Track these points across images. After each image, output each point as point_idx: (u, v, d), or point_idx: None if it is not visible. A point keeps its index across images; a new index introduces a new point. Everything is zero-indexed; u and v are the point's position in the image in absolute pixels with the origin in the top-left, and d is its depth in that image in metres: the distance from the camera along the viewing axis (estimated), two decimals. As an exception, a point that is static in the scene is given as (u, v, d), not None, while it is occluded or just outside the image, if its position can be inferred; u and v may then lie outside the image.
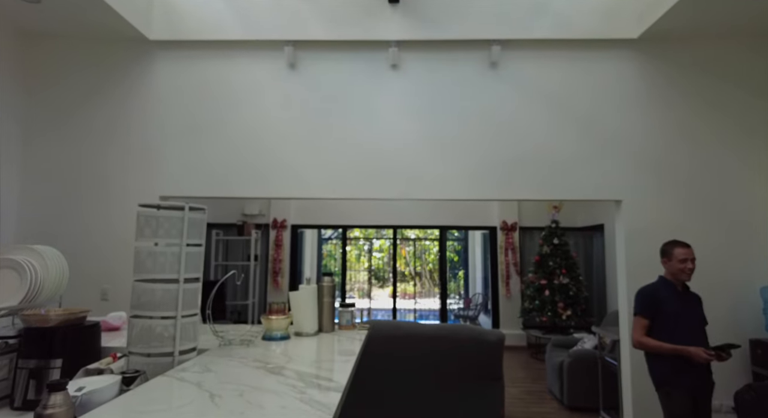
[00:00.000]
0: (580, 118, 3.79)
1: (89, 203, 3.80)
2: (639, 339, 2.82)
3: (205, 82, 3.92)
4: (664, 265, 2.95)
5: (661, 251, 2.99)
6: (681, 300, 2.84)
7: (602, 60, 3.84)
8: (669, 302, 2.81)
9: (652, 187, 3.69)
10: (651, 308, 2.82)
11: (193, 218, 1.93)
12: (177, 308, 1.78)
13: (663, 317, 2.79)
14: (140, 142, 3.86)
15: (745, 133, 3.69)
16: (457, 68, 3.89)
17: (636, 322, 2.86)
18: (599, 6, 3.79)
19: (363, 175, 3.80)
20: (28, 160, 3.82)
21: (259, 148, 3.83)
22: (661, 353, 2.73)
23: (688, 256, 2.85)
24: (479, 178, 3.77)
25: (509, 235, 7.73)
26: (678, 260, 2.85)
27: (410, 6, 3.85)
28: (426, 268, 12.61)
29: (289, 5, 3.88)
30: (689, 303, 2.86)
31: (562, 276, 6.76)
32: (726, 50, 3.74)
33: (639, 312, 2.87)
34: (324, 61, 3.93)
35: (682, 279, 2.87)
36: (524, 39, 3.83)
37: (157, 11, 3.89)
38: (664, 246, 2.99)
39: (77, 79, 3.90)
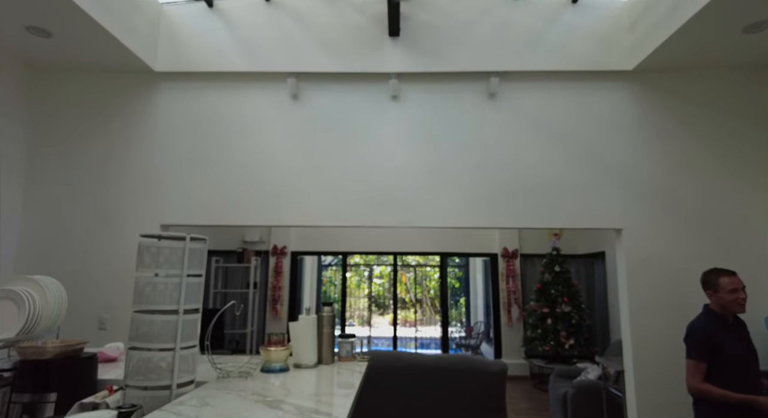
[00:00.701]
0: (579, 147, 3.84)
1: (90, 232, 3.80)
2: (698, 386, 2.54)
3: (207, 113, 3.98)
4: (710, 297, 2.71)
5: (704, 282, 2.75)
6: (736, 336, 2.60)
7: (599, 90, 3.91)
8: (727, 342, 2.55)
9: (653, 216, 3.70)
10: (708, 350, 2.56)
11: (194, 248, 1.93)
12: (176, 340, 1.76)
13: (722, 359, 2.52)
14: (142, 172, 3.89)
15: (741, 162, 3.72)
16: (457, 99, 3.96)
17: (692, 366, 2.58)
18: (594, 39, 3.89)
19: (364, 203, 3.82)
20: (30, 188, 3.84)
21: (260, 177, 3.87)
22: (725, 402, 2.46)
23: (738, 285, 2.60)
24: (480, 206, 3.79)
25: (510, 262, 7.69)
26: (727, 290, 2.61)
27: (410, 39, 3.95)
28: (427, 295, 12.50)
29: (292, 38, 3.98)
30: (743, 337, 2.62)
31: (564, 304, 6.69)
32: (720, 81, 3.82)
33: (696, 356, 2.58)
34: (326, 92, 4.01)
35: (736, 311, 2.62)
36: (522, 71, 3.91)
37: (163, 43, 3.99)
38: (705, 276, 2.76)
39: (81, 110, 3.97)
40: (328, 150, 3.91)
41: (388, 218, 3.81)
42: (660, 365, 3.51)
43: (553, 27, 3.93)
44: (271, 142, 3.93)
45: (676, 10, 3.23)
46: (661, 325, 3.55)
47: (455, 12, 3.97)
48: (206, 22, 4.03)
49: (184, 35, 4.01)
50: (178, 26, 4.02)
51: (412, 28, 3.95)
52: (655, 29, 3.50)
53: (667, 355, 3.50)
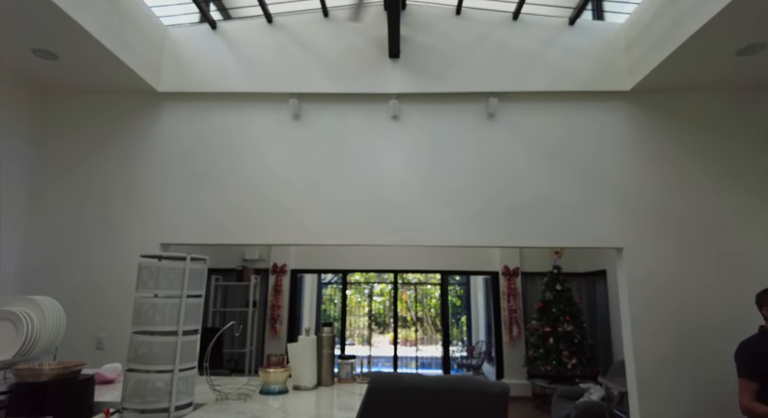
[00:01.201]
0: (578, 166, 3.86)
1: (90, 250, 3.80)
2: (748, 405, 2.50)
3: (209, 132, 4.02)
4: (766, 316, 2.68)
5: (758, 301, 2.73)
6: None
7: (597, 110, 3.96)
8: None
9: (653, 235, 3.70)
10: (759, 368, 2.53)
11: (194, 269, 1.93)
12: (175, 362, 1.75)
13: None
14: (142, 191, 3.91)
15: (739, 181, 3.74)
16: (456, 119, 4.00)
17: (743, 385, 2.55)
18: (591, 60, 3.95)
19: (364, 221, 3.83)
20: (32, 208, 3.86)
21: (260, 196, 3.88)
22: None
23: None
24: (479, 225, 3.79)
25: (511, 280, 7.66)
26: None
27: (410, 61, 4.01)
28: (428, 313, 12.41)
29: (294, 59, 4.05)
30: None
31: (566, 323, 6.64)
32: (716, 102, 3.86)
33: (745, 375, 2.56)
34: (327, 112, 4.05)
35: None
36: (520, 91, 3.96)
37: (167, 64, 4.06)
38: (759, 295, 2.72)
39: (85, 130, 4.01)
40: (329, 169, 3.93)
41: (388, 236, 3.81)
42: (664, 385, 3.46)
43: (551, 49, 4.00)
44: (272, 162, 3.96)
45: (671, 34, 3.29)
46: (664, 345, 3.52)
47: (454, 35, 4.04)
48: (209, 44, 4.10)
49: (188, 56, 4.08)
50: (182, 47, 4.09)
51: (411, 50, 4.02)
52: (650, 51, 3.56)
53: (671, 375, 3.46)
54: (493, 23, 4.06)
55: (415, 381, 3.65)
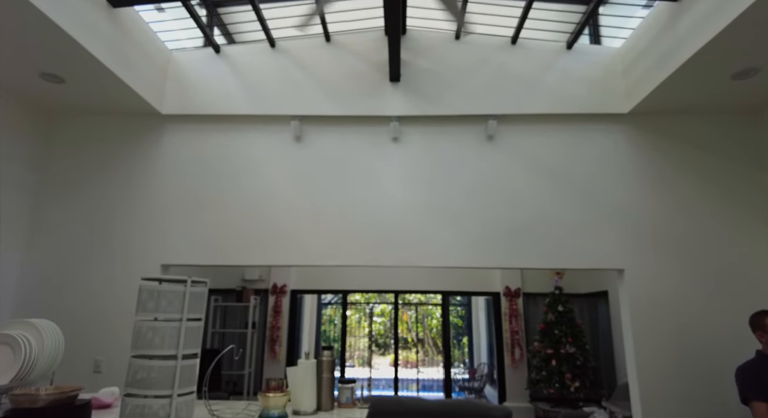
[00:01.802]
0: (578, 188, 3.88)
1: (90, 272, 3.80)
2: None
3: (211, 154, 4.06)
4: (760, 339, 2.69)
5: (752, 324, 2.74)
6: None
7: (596, 132, 3.99)
8: None
9: (654, 257, 3.70)
10: (763, 388, 2.53)
11: (195, 292, 1.93)
12: (174, 386, 1.73)
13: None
14: (145, 212, 3.92)
15: (738, 202, 3.75)
16: (456, 141, 4.04)
17: (757, 408, 2.53)
18: (589, 83, 4.00)
19: (364, 242, 3.83)
20: (33, 229, 3.87)
21: (261, 217, 3.89)
22: None
23: None
24: (480, 246, 3.79)
25: (513, 301, 7.60)
26: None
27: (410, 84, 4.08)
28: (429, 334, 12.28)
29: (296, 82, 4.11)
30: None
31: (568, 345, 6.56)
32: (714, 124, 3.90)
33: (753, 397, 2.55)
34: (328, 133, 4.09)
35: None
36: (519, 114, 4.01)
37: (171, 87, 4.12)
38: (753, 318, 2.74)
39: (88, 152, 4.05)
40: (330, 190, 3.95)
41: (388, 257, 3.81)
42: (669, 409, 3.41)
43: (549, 72, 4.06)
44: (273, 183, 3.98)
45: (666, 59, 3.35)
46: (668, 367, 3.48)
47: (454, 59, 4.11)
48: (213, 67, 4.17)
49: (192, 79, 4.15)
50: (186, 71, 4.16)
51: (412, 74, 4.08)
52: (647, 75, 3.61)
53: (675, 398, 3.41)
54: (491, 47, 4.13)
55: (416, 405, 3.59)
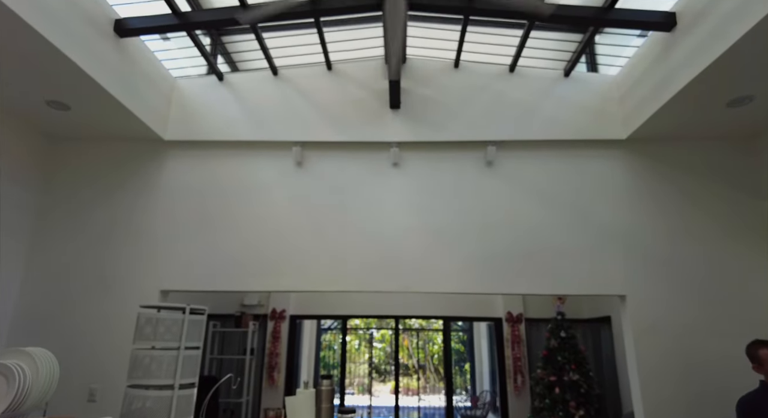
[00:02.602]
0: (578, 214, 3.89)
1: (88, 298, 3.77)
2: None
3: (212, 180, 4.08)
4: (757, 371, 2.67)
5: (748, 356, 2.73)
6: None
7: (595, 158, 4.03)
8: None
9: (656, 283, 3.67)
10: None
11: (193, 320, 1.91)
12: (170, 417, 1.70)
13: None
14: (144, 238, 3.92)
15: (739, 228, 3.74)
16: (456, 166, 4.07)
17: None
18: (586, 110, 4.06)
19: (365, 268, 3.82)
20: (33, 255, 3.86)
21: (261, 243, 3.89)
22: None
23: None
24: (481, 272, 3.77)
25: (515, 327, 7.51)
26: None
27: (410, 111, 4.14)
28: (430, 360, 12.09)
29: (298, 109, 4.17)
30: None
31: (572, 372, 6.45)
32: (712, 150, 3.92)
33: None
34: (329, 159, 4.13)
35: None
36: (518, 140, 4.05)
37: (174, 113, 4.17)
38: (748, 349, 2.73)
39: (90, 177, 4.07)
40: (330, 216, 3.96)
41: (389, 283, 3.79)
42: (676, 441, 3.33)
43: (547, 99, 4.12)
44: (273, 209, 3.99)
45: (662, 86, 3.40)
46: (674, 396, 3.41)
47: (453, 86, 4.18)
48: (216, 94, 4.24)
49: (195, 106, 4.21)
50: (190, 98, 4.23)
51: (411, 101, 4.15)
52: (643, 103, 3.66)
53: (682, 431, 3.34)
54: (490, 75, 4.21)
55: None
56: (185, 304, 1.96)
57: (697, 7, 3.04)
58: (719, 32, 2.80)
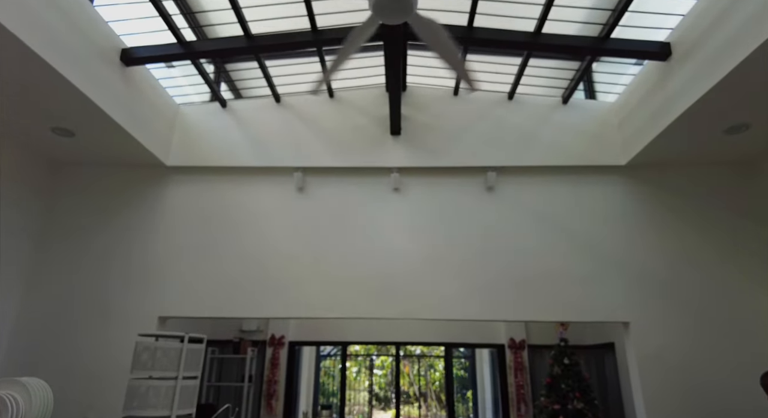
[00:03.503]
0: (579, 239, 3.88)
1: (86, 324, 3.73)
2: None
3: (213, 205, 4.09)
4: None
5: (762, 384, 2.72)
6: None
7: (595, 184, 4.04)
8: None
9: (659, 309, 3.64)
10: None
11: (192, 349, 1.89)
12: (164, 452, 1.66)
13: None
14: (144, 264, 3.90)
15: (741, 253, 3.73)
16: (456, 192, 4.08)
17: None
18: (585, 136, 4.10)
19: (365, 294, 3.79)
20: (32, 279, 3.83)
21: (261, 268, 3.87)
22: None
23: None
24: (482, 298, 3.74)
25: (518, 353, 7.39)
26: None
27: (410, 137, 4.18)
28: (431, 387, 11.85)
29: (299, 136, 4.22)
30: None
31: (576, 400, 6.31)
32: (713, 176, 3.94)
33: None
34: (330, 184, 4.15)
35: None
36: (518, 166, 4.07)
37: (177, 139, 4.21)
38: (762, 378, 2.72)
39: (92, 202, 4.08)
40: (331, 241, 3.95)
41: (389, 309, 3.75)
42: (685, 475, 3.23)
43: (546, 125, 4.17)
44: (274, 234, 3.99)
45: (659, 114, 3.45)
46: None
47: (452, 113, 4.24)
48: (219, 121, 4.29)
49: (198, 132, 4.25)
50: (193, 124, 4.28)
51: (412, 128, 4.19)
52: (641, 129, 3.70)
53: (691, 463, 3.24)
54: (489, 102, 4.27)
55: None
56: (183, 332, 1.94)
57: (691, 39, 3.11)
58: (713, 63, 2.86)
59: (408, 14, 2.08)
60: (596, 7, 3.48)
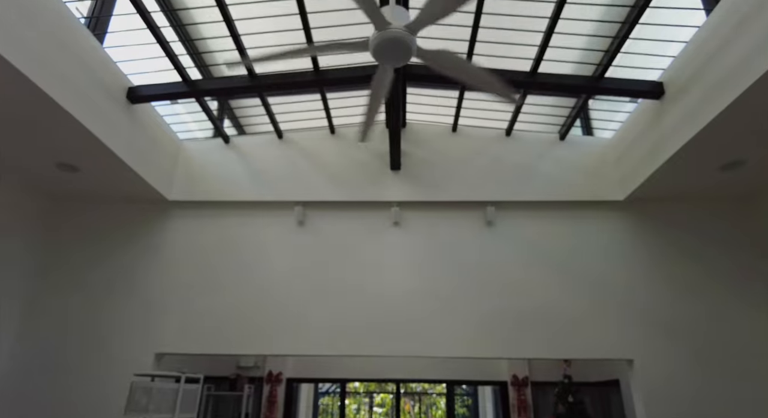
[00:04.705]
0: (580, 275, 3.86)
1: (82, 359, 3.65)
2: None
3: (213, 240, 4.09)
4: None
5: None
6: None
7: (594, 219, 4.05)
8: None
9: (662, 346, 3.58)
10: None
11: (188, 389, 1.85)
12: None
13: None
14: (143, 298, 3.87)
15: (743, 289, 3.70)
16: (456, 226, 4.09)
17: None
18: (583, 172, 4.14)
19: (365, 330, 3.73)
20: (29, 313, 3.79)
21: (260, 304, 3.83)
22: None
23: None
24: (484, 334, 3.69)
25: (521, 391, 7.21)
26: None
27: (410, 172, 4.23)
28: (433, 427, 11.48)
29: (301, 170, 4.26)
30: None
31: (582, 441, 6.11)
32: (711, 212, 3.95)
33: None
34: (331, 218, 4.16)
35: None
36: (516, 201, 4.10)
37: (179, 175, 4.25)
38: None
39: (92, 237, 4.08)
40: (331, 276, 3.93)
41: (389, 346, 3.69)
42: None
43: (544, 161, 4.22)
44: (273, 269, 3.97)
45: (654, 151, 3.49)
46: (691, 472, 3.22)
47: (451, 150, 4.30)
48: (222, 156, 4.35)
49: (200, 167, 4.30)
50: (196, 159, 4.33)
51: (411, 163, 4.25)
52: (638, 166, 3.74)
53: None
54: (487, 139, 4.34)
55: None
56: (179, 369, 1.91)
57: (683, 79, 3.20)
58: (705, 102, 2.92)
59: (409, 56, 2.15)
60: (590, 48, 3.59)
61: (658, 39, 3.38)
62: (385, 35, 2.04)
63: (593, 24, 3.41)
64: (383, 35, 2.04)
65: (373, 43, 2.07)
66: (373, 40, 2.07)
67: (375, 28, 2.06)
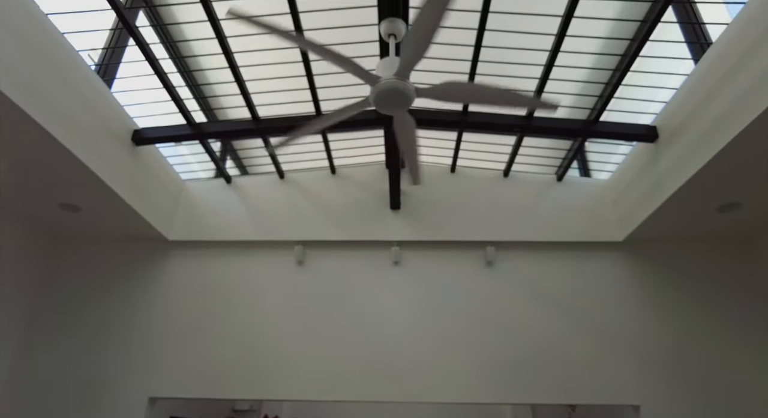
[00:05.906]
0: (581, 316, 3.81)
1: (74, 405, 3.56)
2: None
3: (212, 280, 4.06)
4: None
5: None
6: None
7: (594, 260, 4.04)
8: None
9: (670, 391, 3.49)
10: None
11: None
12: None
13: None
14: (138, 341, 3.80)
15: (744, 329, 3.63)
16: (456, 266, 4.08)
17: None
18: (581, 213, 4.16)
19: (364, 374, 3.65)
20: (23, 355, 3.71)
21: (257, 347, 3.76)
22: None
23: None
24: (485, 378, 3.60)
25: (524, 437, 6.95)
26: None
27: (410, 212, 4.26)
28: (434, 474, 10.97)
29: (301, 210, 4.29)
30: None
31: (590, 492, 5.83)
32: (711, 253, 3.94)
33: None
34: (330, 258, 4.16)
35: None
36: (516, 241, 4.10)
37: (180, 214, 4.27)
38: None
39: (90, 277, 4.05)
40: (329, 318, 3.88)
41: (389, 392, 3.60)
42: None
43: (542, 202, 4.25)
44: (271, 310, 3.93)
45: (651, 193, 3.53)
46: None
47: (450, 190, 4.35)
48: (223, 196, 4.39)
49: (201, 207, 4.33)
50: (197, 199, 4.37)
51: (411, 203, 4.28)
52: (636, 207, 3.77)
53: None
54: (485, 180, 4.40)
55: None
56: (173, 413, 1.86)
57: (676, 123, 3.27)
58: (698, 146, 2.98)
59: (409, 99, 2.27)
60: (584, 93, 3.70)
61: (650, 85, 3.49)
62: (380, 87, 2.19)
63: (586, 71, 3.53)
64: (378, 88, 2.20)
65: (372, 98, 2.21)
66: (371, 95, 2.23)
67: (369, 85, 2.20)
